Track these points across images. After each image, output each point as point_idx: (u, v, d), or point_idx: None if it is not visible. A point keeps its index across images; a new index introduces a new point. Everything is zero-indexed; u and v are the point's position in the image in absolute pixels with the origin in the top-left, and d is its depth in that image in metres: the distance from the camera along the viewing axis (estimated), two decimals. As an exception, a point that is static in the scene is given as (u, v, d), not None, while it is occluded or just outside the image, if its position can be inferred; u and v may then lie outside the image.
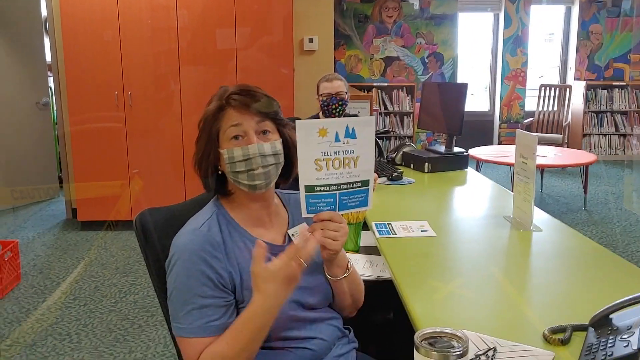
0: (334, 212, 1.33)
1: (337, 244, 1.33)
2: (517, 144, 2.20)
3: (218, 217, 1.37)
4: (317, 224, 1.32)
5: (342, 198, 1.34)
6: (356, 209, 1.38)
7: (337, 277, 1.42)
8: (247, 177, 1.33)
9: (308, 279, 1.39)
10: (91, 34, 4.61)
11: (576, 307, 1.46)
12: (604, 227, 4.88)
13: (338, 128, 1.30)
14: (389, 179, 3.00)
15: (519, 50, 7.55)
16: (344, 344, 1.47)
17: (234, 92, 1.35)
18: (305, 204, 1.32)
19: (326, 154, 1.30)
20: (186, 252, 1.28)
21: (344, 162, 1.32)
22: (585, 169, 5.42)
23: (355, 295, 1.50)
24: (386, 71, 7.38)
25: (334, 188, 1.32)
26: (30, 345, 2.95)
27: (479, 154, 5.23)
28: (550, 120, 7.23)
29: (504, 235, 2.10)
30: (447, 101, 3.44)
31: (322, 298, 1.43)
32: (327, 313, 1.45)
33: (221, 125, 1.34)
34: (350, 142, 1.31)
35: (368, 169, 1.35)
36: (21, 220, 5.24)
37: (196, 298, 1.25)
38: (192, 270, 1.26)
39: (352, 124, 1.31)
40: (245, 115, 1.33)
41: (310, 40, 5.35)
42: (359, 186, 1.36)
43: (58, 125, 5.27)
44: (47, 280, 3.81)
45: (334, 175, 1.31)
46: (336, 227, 1.32)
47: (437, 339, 0.99)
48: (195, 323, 1.24)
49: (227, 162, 1.33)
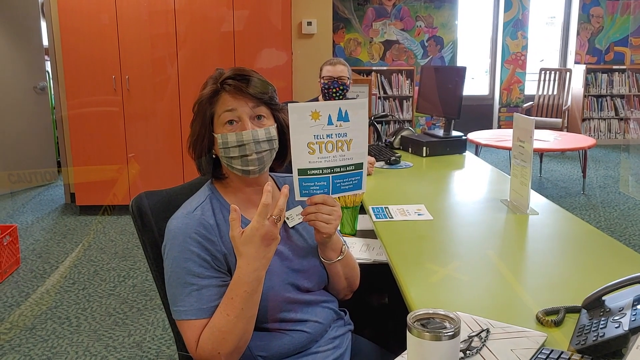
0: (327, 196, 1.34)
1: (331, 227, 1.33)
2: (515, 128, 2.20)
3: (212, 200, 1.37)
4: (311, 207, 1.33)
5: (335, 181, 1.34)
6: (350, 192, 1.38)
7: (332, 260, 1.42)
8: (240, 163, 1.32)
9: (302, 262, 1.40)
10: (88, 17, 4.58)
11: (570, 289, 1.47)
12: (602, 211, 4.89)
13: (331, 111, 1.30)
14: (386, 163, 3.00)
15: (519, 34, 7.50)
16: (340, 327, 1.48)
17: (229, 76, 1.34)
18: (298, 188, 1.32)
19: (319, 137, 1.30)
20: (180, 236, 1.28)
21: (337, 145, 1.32)
22: (584, 153, 5.42)
23: (350, 278, 1.50)
24: (385, 55, 7.34)
25: (327, 171, 1.32)
26: (30, 328, 2.97)
27: (478, 138, 5.23)
28: (550, 104, 7.21)
29: (500, 219, 2.10)
30: (445, 85, 3.43)
31: (317, 281, 1.43)
32: (322, 296, 1.45)
33: (215, 109, 1.33)
34: (343, 125, 1.31)
35: (361, 152, 1.35)
36: (20, 204, 5.25)
37: (194, 279, 1.25)
38: (187, 252, 1.26)
39: (344, 107, 1.31)
40: (239, 100, 1.32)
41: (309, 23, 5.32)
42: (353, 169, 1.36)
43: (56, 109, 5.26)
44: (46, 265, 3.82)
45: (327, 158, 1.31)
46: (329, 211, 1.33)
47: (430, 320, 0.99)
48: (195, 305, 1.24)
49: (221, 147, 1.32)
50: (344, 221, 2.16)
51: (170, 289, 1.28)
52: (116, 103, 4.72)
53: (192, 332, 1.24)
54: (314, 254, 1.43)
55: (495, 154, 6.87)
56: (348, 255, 1.48)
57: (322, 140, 1.30)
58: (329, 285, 1.48)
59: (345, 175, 1.35)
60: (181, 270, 1.26)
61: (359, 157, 1.35)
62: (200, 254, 1.26)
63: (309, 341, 1.38)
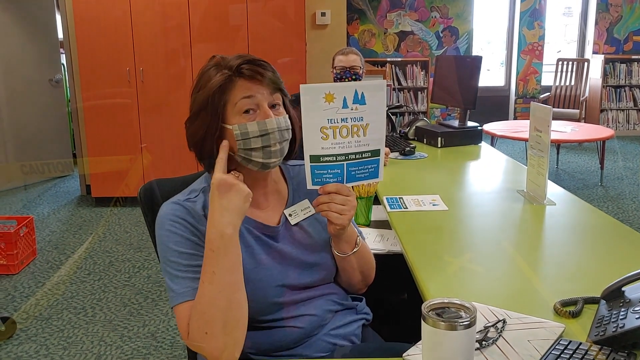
0: (341, 185, 1.26)
1: (344, 218, 1.25)
2: (532, 117, 2.16)
3: (206, 193, 1.28)
4: (323, 197, 1.25)
5: (350, 169, 1.26)
6: (366, 180, 1.29)
7: (346, 254, 1.34)
8: (262, 155, 1.23)
9: (306, 259, 1.33)
10: (102, 10, 4.59)
11: (588, 280, 1.44)
12: (620, 202, 4.82)
13: (346, 93, 1.21)
14: (401, 154, 2.98)
15: (536, 24, 7.40)
16: (346, 315, 1.40)
17: (242, 62, 1.24)
18: (310, 175, 1.24)
19: (333, 122, 1.21)
20: (167, 221, 1.23)
21: (352, 130, 1.23)
22: (602, 144, 5.34)
23: (365, 271, 1.42)
24: (400, 46, 7.28)
25: (341, 158, 1.24)
26: (46, 318, 3.00)
27: (494, 129, 5.17)
28: (567, 95, 7.11)
29: (516, 209, 2.07)
30: (461, 75, 3.39)
31: (322, 276, 1.36)
32: (324, 289, 1.37)
33: (229, 97, 1.22)
34: (359, 109, 1.22)
35: (379, 137, 1.26)
36: (36, 196, 5.29)
37: (184, 259, 1.20)
38: (174, 236, 1.22)
39: (361, 89, 1.22)
40: (258, 86, 1.23)
41: (323, 14, 5.28)
42: (369, 156, 1.27)
43: (71, 101, 5.29)
44: (62, 256, 3.85)
45: (341, 144, 1.23)
46: (343, 201, 1.25)
47: (445, 309, 0.97)
48: (188, 284, 1.18)
49: (240, 139, 1.21)
50: (357, 211, 2.14)
51: (166, 275, 1.22)
52: (130, 95, 4.73)
53: (184, 314, 1.17)
54: (321, 249, 1.36)
55: (510, 145, 6.80)
56: (363, 247, 1.40)
57: (336, 124, 1.22)
58: (341, 279, 1.41)
59: (361, 163, 1.27)
60: (171, 254, 1.21)
61: (376, 143, 1.27)
62: (188, 237, 1.22)
63: (303, 335, 1.32)
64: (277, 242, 1.32)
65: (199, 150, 1.28)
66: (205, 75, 1.26)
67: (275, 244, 1.32)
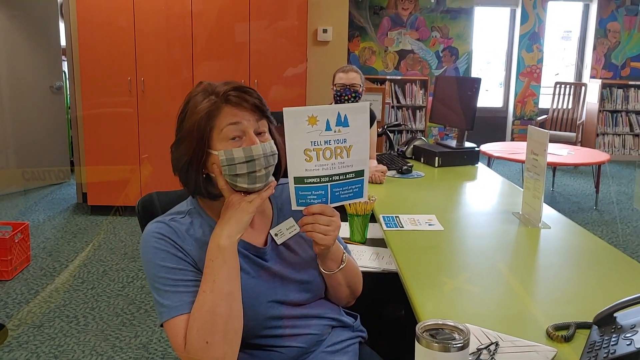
0: (325, 205, 1.27)
1: (329, 238, 1.27)
2: (529, 140, 2.18)
3: (192, 215, 1.32)
4: (308, 218, 1.27)
5: (334, 190, 1.27)
6: (350, 200, 1.31)
7: (332, 271, 1.36)
8: (247, 180, 1.23)
9: (297, 275, 1.35)
10: (106, 19, 4.62)
11: (581, 304, 1.45)
12: (615, 227, 4.84)
13: (329, 116, 1.23)
14: (398, 172, 3.00)
15: (535, 47, 7.48)
16: (342, 331, 1.42)
17: (229, 88, 1.26)
18: (294, 197, 1.26)
19: (316, 144, 1.23)
20: (151, 239, 1.25)
21: (336, 152, 1.25)
22: (598, 168, 5.38)
23: (352, 285, 1.44)
24: (400, 64, 7.34)
25: (325, 180, 1.25)
26: (38, 326, 2.98)
27: (491, 150, 5.20)
28: (564, 118, 7.17)
29: (512, 232, 2.09)
30: (459, 95, 3.42)
31: (312, 294, 1.37)
32: (317, 308, 1.39)
33: (215, 123, 1.23)
34: (342, 131, 1.24)
35: (362, 158, 1.28)
36: (32, 203, 5.29)
37: (173, 274, 1.21)
38: (160, 252, 1.23)
39: (344, 111, 1.24)
40: (244, 112, 1.25)
41: (325, 30, 5.33)
42: (353, 177, 1.29)
43: (71, 109, 5.30)
44: (56, 263, 3.84)
45: (325, 166, 1.24)
46: (327, 221, 1.27)
47: (439, 330, 0.98)
48: (179, 298, 1.20)
49: (225, 165, 1.22)
50: (354, 229, 2.15)
51: (153, 293, 1.24)
52: (131, 104, 4.75)
53: (179, 328, 1.18)
54: (309, 266, 1.37)
55: (507, 167, 6.84)
56: (349, 262, 1.41)
57: (319, 147, 1.23)
58: (330, 294, 1.43)
59: (345, 184, 1.28)
60: (159, 270, 1.22)
61: (360, 164, 1.28)
62: (174, 253, 1.23)
63: (301, 354, 1.33)
64: (265, 262, 1.34)
65: (183, 175, 1.30)
66: (192, 101, 1.28)
67: (263, 262, 1.33)
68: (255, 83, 4.79)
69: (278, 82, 4.84)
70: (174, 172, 1.32)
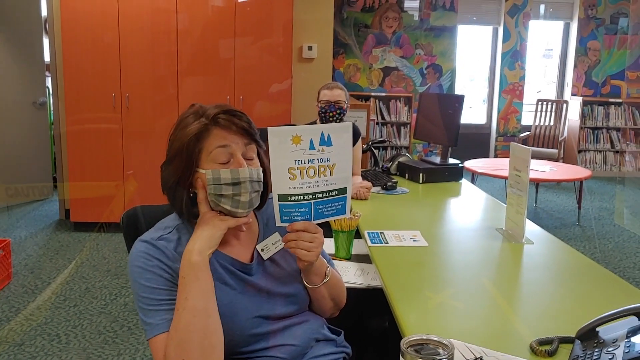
0: (308, 222, 1.29)
1: (312, 255, 1.29)
2: (511, 157, 2.21)
3: (180, 230, 1.32)
4: (291, 235, 1.29)
5: (317, 207, 1.30)
6: (333, 217, 1.34)
7: (316, 285, 1.38)
8: (231, 203, 1.25)
9: (283, 289, 1.36)
10: (91, 35, 4.61)
11: (564, 319, 1.46)
12: (597, 242, 4.89)
13: (313, 135, 1.26)
14: (383, 188, 3.01)
15: (517, 65, 7.59)
16: (325, 345, 1.43)
17: (219, 111, 1.27)
18: (279, 214, 1.28)
19: (300, 162, 1.25)
20: (140, 258, 1.25)
21: (319, 170, 1.27)
22: (580, 185, 5.44)
23: (336, 298, 1.46)
24: (384, 81, 7.40)
25: (308, 197, 1.28)
26: (19, 344, 2.94)
27: (474, 166, 5.25)
28: (546, 134, 7.26)
29: (495, 247, 2.11)
30: (443, 112, 3.46)
31: (297, 307, 1.39)
32: (302, 317, 1.40)
33: (204, 145, 1.26)
34: (325, 150, 1.27)
35: (345, 176, 1.31)
36: (14, 219, 5.22)
37: (159, 294, 1.22)
38: (148, 273, 1.24)
39: (327, 131, 1.27)
40: (233, 136, 1.27)
41: (310, 48, 5.37)
42: (336, 194, 1.31)
43: (54, 125, 5.27)
44: (38, 280, 3.79)
45: (308, 184, 1.27)
46: (310, 238, 1.29)
47: (424, 345, 0.99)
48: (164, 316, 1.20)
49: (212, 184, 1.24)
50: (339, 245, 2.15)
51: (140, 311, 1.24)
52: (115, 120, 4.73)
53: (160, 345, 1.19)
54: (295, 279, 1.39)
55: (491, 183, 6.89)
56: (333, 275, 1.43)
57: (303, 165, 1.25)
58: (314, 306, 1.44)
59: (328, 201, 1.31)
60: (143, 290, 1.23)
61: (343, 182, 1.31)
62: (160, 274, 1.24)
63: None
64: (250, 277, 1.34)
65: (171, 194, 1.31)
66: (183, 122, 1.30)
67: (249, 278, 1.34)
68: (241, 99, 4.80)
69: (263, 99, 4.86)
70: (163, 190, 1.33)
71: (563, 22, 7.78)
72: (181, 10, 4.66)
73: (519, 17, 7.46)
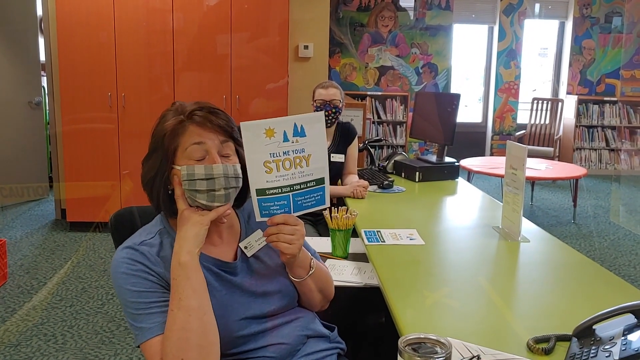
0: (288, 215, 1.30)
1: (294, 247, 1.29)
2: (507, 155, 2.22)
3: (162, 235, 1.32)
4: (272, 228, 1.29)
5: (296, 199, 1.30)
6: (313, 208, 1.34)
7: (301, 278, 1.38)
8: (206, 198, 1.25)
9: (266, 288, 1.36)
10: (86, 34, 4.60)
11: (561, 317, 1.47)
12: (593, 240, 4.91)
13: (286, 127, 1.26)
14: (379, 187, 3.01)
15: (513, 63, 7.60)
16: (317, 342, 1.42)
17: (196, 108, 1.28)
18: (258, 208, 1.28)
19: (275, 155, 1.26)
20: (123, 264, 1.24)
21: (295, 161, 1.28)
22: (575, 183, 5.46)
23: (324, 290, 1.46)
24: (380, 80, 7.41)
25: (286, 190, 1.28)
26: (14, 345, 2.93)
27: (471, 164, 5.26)
28: (542, 133, 7.28)
29: (492, 245, 2.11)
30: (439, 111, 3.46)
31: (285, 302, 1.38)
32: (291, 315, 1.40)
33: (180, 142, 1.27)
34: (300, 141, 1.27)
35: (321, 166, 1.31)
36: (10, 219, 5.21)
37: (148, 297, 1.21)
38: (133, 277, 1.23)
39: (300, 122, 1.27)
40: (209, 132, 1.27)
41: (306, 47, 5.37)
42: (314, 185, 1.32)
43: (50, 124, 5.25)
44: (34, 281, 3.78)
45: (285, 176, 1.27)
46: (291, 230, 1.29)
47: (421, 344, 0.99)
48: (156, 319, 1.20)
49: (186, 179, 1.25)
50: (336, 244, 2.15)
51: (129, 318, 1.23)
52: (111, 120, 4.72)
53: (155, 349, 1.18)
54: (280, 274, 1.39)
55: (487, 181, 6.91)
56: (318, 267, 1.43)
57: (278, 158, 1.26)
58: (303, 300, 1.44)
59: (307, 192, 1.31)
60: (130, 295, 1.22)
61: (320, 172, 1.31)
62: (145, 277, 1.23)
63: None
64: (235, 277, 1.34)
65: (149, 189, 1.32)
66: (163, 118, 1.32)
67: (234, 278, 1.34)
68: (237, 99, 4.80)
69: (259, 97, 4.86)
70: (143, 186, 1.34)
71: (558, 21, 7.80)
72: (177, 10, 4.65)
73: (515, 16, 7.48)
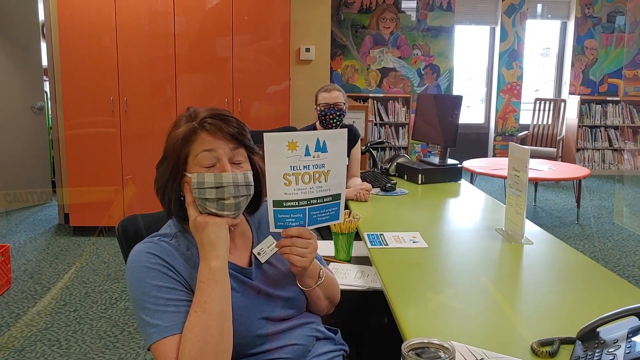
0: (302, 228, 1.30)
1: (305, 260, 1.30)
2: (510, 157, 2.21)
3: (178, 237, 1.33)
4: (285, 241, 1.29)
5: (311, 213, 1.30)
6: (326, 223, 1.34)
7: (310, 288, 1.40)
8: (216, 206, 1.25)
9: (280, 293, 1.37)
10: (88, 39, 4.61)
11: (565, 320, 1.46)
12: (596, 241, 4.89)
13: (308, 141, 1.26)
14: (382, 190, 3.01)
15: (515, 64, 7.60)
16: (326, 344, 1.44)
17: (207, 115, 1.28)
18: (273, 219, 1.28)
19: (296, 168, 1.26)
20: (142, 257, 1.24)
21: (314, 176, 1.28)
22: (579, 183, 5.45)
23: (331, 297, 1.48)
24: (382, 82, 7.41)
25: (303, 203, 1.28)
26: (19, 350, 2.93)
27: (473, 166, 5.25)
28: (544, 133, 7.27)
29: (495, 248, 2.10)
30: (442, 113, 3.46)
31: (297, 307, 1.40)
32: (302, 318, 1.41)
33: (191, 149, 1.27)
34: (321, 156, 1.28)
35: (339, 182, 1.32)
36: (13, 224, 5.22)
37: (165, 293, 1.20)
38: (151, 271, 1.22)
39: (322, 137, 1.27)
40: (219, 140, 1.27)
41: (307, 49, 5.37)
42: (330, 200, 1.32)
43: (53, 129, 5.26)
44: (38, 286, 3.79)
45: (303, 190, 1.27)
46: (304, 244, 1.29)
47: (425, 349, 0.99)
48: (171, 318, 1.18)
49: (196, 187, 1.25)
50: (339, 247, 2.15)
51: (141, 314, 1.20)
52: (114, 124, 4.73)
53: (170, 348, 1.16)
54: (291, 281, 1.40)
55: (490, 182, 6.90)
56: (326, 276, 1.44)
57: (298, 171, 1.26)
58: (310, 306, 1.46)
59: (323, 207, 1.31)
60: (150, 289, 1.20)
61: (337, 188, 1.32)
62: (165, 272, 1.23)
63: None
64: (252, 281, 1.36)
65: (161, 194, 1.33)
66: (176, 124, 1.32)
67: (250, 281, 1.35)
68: (239, 101, 4.80)
69: (261, 101, 4.86)
70: (155, 191, 1.35)
71: (560, 21, 7.80)
72: (178, 13, 4.66)
73: (516, 17, 7.47)
